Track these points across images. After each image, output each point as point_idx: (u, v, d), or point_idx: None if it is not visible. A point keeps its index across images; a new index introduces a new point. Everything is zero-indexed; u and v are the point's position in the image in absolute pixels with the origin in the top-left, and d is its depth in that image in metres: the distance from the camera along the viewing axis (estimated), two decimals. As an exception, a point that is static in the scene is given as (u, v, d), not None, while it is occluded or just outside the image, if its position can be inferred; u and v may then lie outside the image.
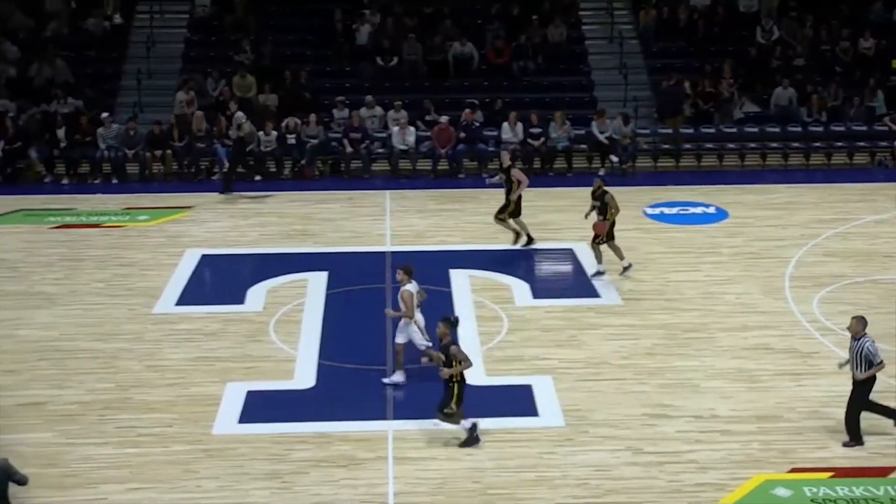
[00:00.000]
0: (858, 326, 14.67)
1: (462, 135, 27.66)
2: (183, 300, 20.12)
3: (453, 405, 15.05)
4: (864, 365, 14.56)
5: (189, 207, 24.89)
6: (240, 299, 20.02)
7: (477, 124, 28.07)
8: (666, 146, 28.95)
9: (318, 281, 20.78)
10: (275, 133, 27.14)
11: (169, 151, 27.03)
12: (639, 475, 14.35)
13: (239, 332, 18.75)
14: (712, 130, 29.16)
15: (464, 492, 14.09)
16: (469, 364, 15.08)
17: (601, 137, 27.97)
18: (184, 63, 30.20)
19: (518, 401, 16.31)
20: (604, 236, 20.65)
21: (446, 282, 20.75)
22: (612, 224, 20.70)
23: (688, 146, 28.93)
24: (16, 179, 26.77)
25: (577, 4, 32.89)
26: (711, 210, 25.09)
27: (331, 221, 24.18)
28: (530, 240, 22.38)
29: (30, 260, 21.87)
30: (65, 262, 21.76)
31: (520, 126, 27.76)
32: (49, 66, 28.96)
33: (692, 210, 25.11)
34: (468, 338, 18.43)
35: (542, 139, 27.85)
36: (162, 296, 20.23)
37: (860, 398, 14.81)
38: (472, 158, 28.03)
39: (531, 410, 16.10)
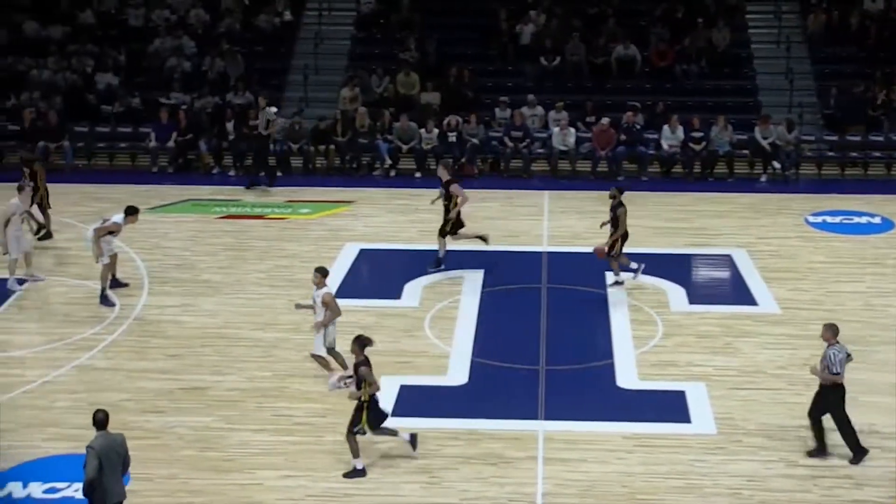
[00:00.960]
0: (828, 334, 14.50)
1: (623, 137, 27.42)
2: (341, 293, 20.28)
3: (364, 426, 14.57)
4: (826, 371, 14.43)
5: (350, 202, 25.21)
6: (396, 294, 20.20)
7: (638, 127, 27.80)
8: (831, 153, 28.19)
9: (474, 279, 20.84)
10: (436, 131, 27.30)
11: (332, 146, 27.41)
12: (792, 488, 14.04)
13: (394, 327, 18.93)
14: (881, 138, 28.28)
15: (612, 496, 13.98)
16: (377, 388, 14.59)
17: (764, 143, 27.39)
18: (349, 60, 30.60)
19: (670, 407, 16.11)
20: (615, 250, 20.01)
21: (602, 284, 20.59)
22: (622, 239, 20.04)
23: (854, 154, 28.13)
24: (186, 170, 27.45)
25: (744, 8, 32.26)
26: (877, 220, 24.34)
27: (489, 220, 24.17)
28: (484, 240, 21.47)
29: (196, 248, 22.44)
30: (229, 252, 22.26)
31: (681, 129, 27.39)
32: (221, 60, 29.64)
33: (856, 220, 24.40)
34: (622, 341, 18.30)
35: (704, 143, 27.41)
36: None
37: (834, 406, 14.53)
38: (631, 161, 27.77)
39: (683, 417, 15.88)
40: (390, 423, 14.91)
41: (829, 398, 14.57)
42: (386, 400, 16.44)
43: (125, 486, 12.53)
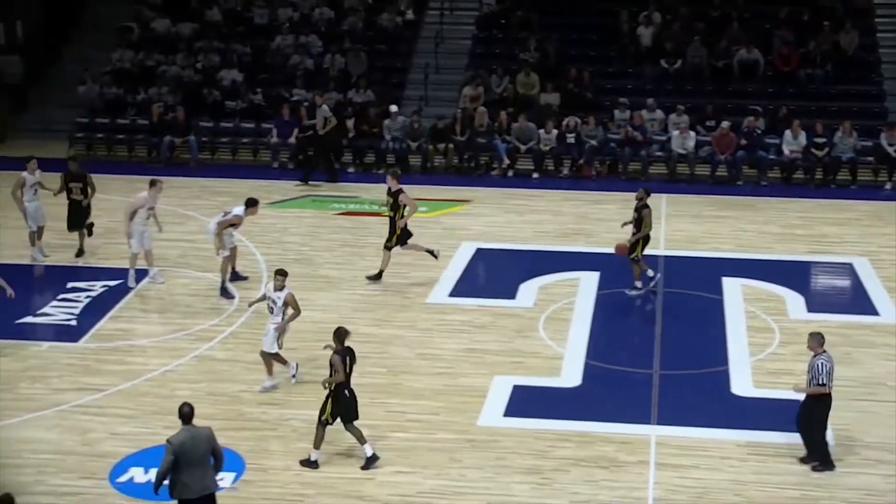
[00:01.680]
0: (813, 343, 14.28)
1: (743, 141, 27.04)
2: (456, 292, 20.47)
3: (328, 416, 14.61)
4: (812, 382, 14.15)
5: (467, 201, 25.27)
6: (511, 294, 20.20)
7: (759, 131, 27.40)
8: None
9: (589, 280, 20.75)
10: (554, 132, 27.23)
11: (450, 145, 27.50)
12: (911, 503, 13.73)
13: (508, 327, 18.93)
14: None
15: (724, 504, 13.84)
16: (341, 378, 14.49)
17: (890, 150, 26.79)
18: (470, 59, 30.68)
19: (786, 415, 15.82)
20: (636, 253, 19.84)
21: (718, 289, 20.36)
22: (643, 241, 19.85)
23: None
24: (306, 166, 27.76)
25: (873, 10, 31.53)
26: None
27: (605, 222, 24.06)
28: (434, 255, 20.87)
29: (314, 244, 22.70)
30: (346, 248, 22.47)
31: (803, 135, 26.93)
32: (343, 58, 29.94)
33: (985, 230, 23.75)
34: (738, 348, 18.06)
35: (827, 149, 26.90)
36: (436, 286, 20.64)
37: (818, 417, 14.29)
38: (751, 166, 27.37)
39: (799, 427, 15.61)
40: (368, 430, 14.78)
41: (815, 409, 14.35)
42: (499, 399, 16.50)
43: (228, 482, 12.67)
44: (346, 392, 14.84)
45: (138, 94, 29.36)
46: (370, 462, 14.78)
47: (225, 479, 12.95)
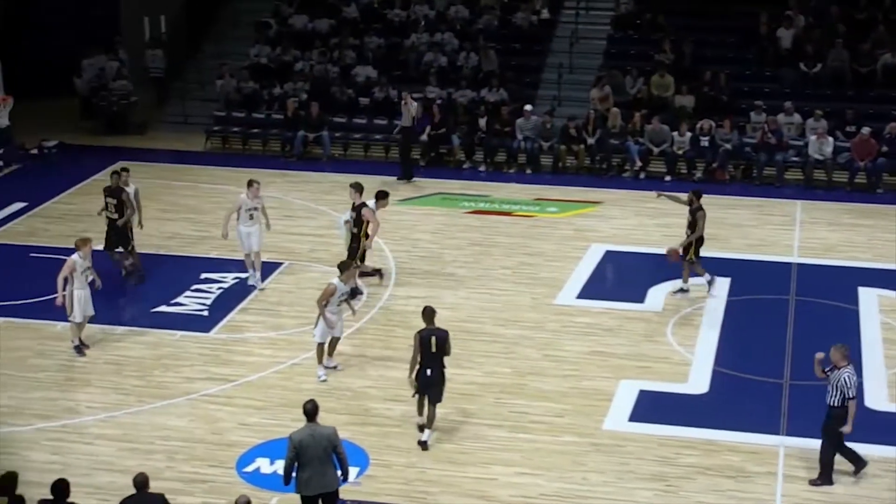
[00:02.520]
0: (837, 356, 14.10)
1: (885, 148, 26.32)
2: (584, 294, 20.35)
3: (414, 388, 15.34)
4: (839, 396, 13.86)
5: (598, 203, 25.08)
6: (640, 298, 20.01)
7: (902, 138, 26.65)
8: None
9: (719, 286, 20.42)
10: (688, 134, 26.87)
11: (582, 146, 27.33)
12: None
13: (636, 331, 18.77)
14: None
15: (855, 520, 13.52)
16: (413, 355, 15.06)
17: None
18: (604, 59, 30.43)
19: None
20: (690, 255, 19.63)
21: (854, 299, 19.89)
22: (697, 242, 19.64)
23: None
24: (437, 163, 27.85)
25: None
26: None
27: (738, 227, 23.68)
28: (380, 276, 20.45)
29: (443, 242, 22.76)
30: (475, 247, 22.48)
31: (948, 142, 26.12)
32: (477, 56, 29.98)
33: None
34: (873, 360, 17.62)
35: (973, 157, 26.06)
36: (564, 288, 20.54)
37: (833, 432, 14.06)
38: (892, 173, 26.62)
39: (936, 443, 15.18)
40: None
41: (835, 421, 14.14)
42: (625, 404, 16.36)
43: (352, 477, 12.78)
44: (428, 371, 15.04)
45: (274, 89, 29.79)
46: (421, 444, 15.20)
47: (352, 473, 13.02)
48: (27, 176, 26.78)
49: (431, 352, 15.07)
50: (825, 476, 14.37)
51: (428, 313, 15.36)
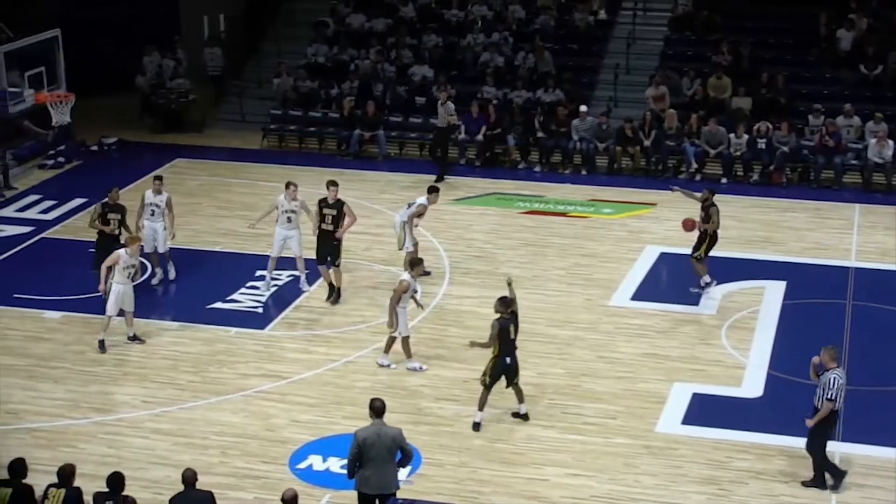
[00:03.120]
0: (826, 358, 14.16)
1: (945, 151, 26.01)
2: (638, 295, 20.29)
3: (485, 377, 15.59)
4: (823, 397, 13.82)
5: (653, 204, 24.96)
6: (694, 300, 19.92)
7: (963, 142, 26.28)
8: None
9: (775, 290, 20.31)
10: (746, 136, 26.67)
11: (638, 147, 27.22)
12: None
13: (690, 334, 18.70)
14: None
15: (910, 528, 13.38)
16: (489, 343, 15.49)
17: None
18: (661, 60, 30.26)
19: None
20: (699, 251, 19.76)
21: (913, 304, 19.71)
22: (709, 241, 19.72)
23: None
24: (493, 163, 27.83)
25: None
26: None
27: (794, 230, 23.50)
28: (338, 295, 19.91)
29: (498, 242, 22.76)
30: (529, 247, 22.47)
31: None
32: (533, 56, 29.95)
33: None
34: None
35: None
36: (618, 289, 20.50)
37: (819, 433, 14.04)
38: (953, 177, 26.29)
39: None
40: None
41: (819, 425, 14.12)
42: (678, 407, 16.30)
43: (403, 476, 12.84)
44: (508, 359, 15.36)
45: (331, 87, 29.94)
46: (519, 415, 15.71)
47: (401, 472, 13.07)
48: (88, 172, 27.10)
49: (510, 339, 15.30)
50: (835, 475, 14.35)
51: (505, 302, 15.58)
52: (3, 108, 22.34)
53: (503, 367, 15.47)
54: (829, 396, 13.97)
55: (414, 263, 17.39)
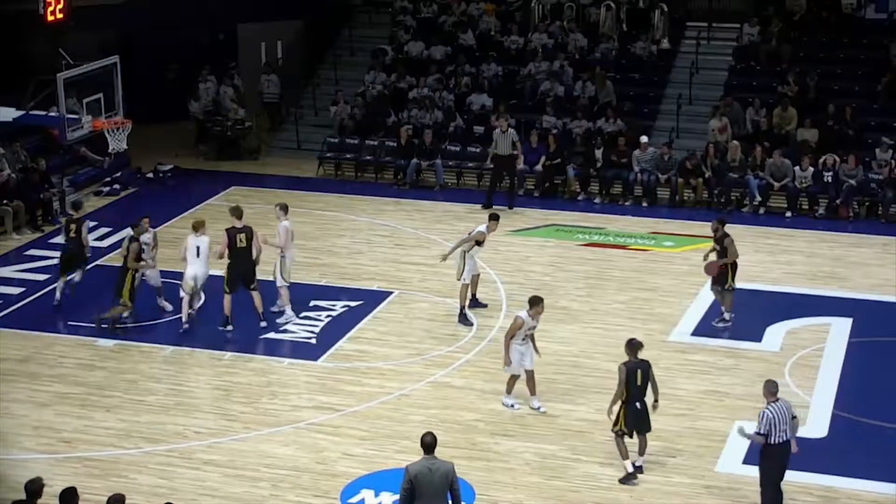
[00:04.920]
0: (764, 391, 14.29)
1: None
2: (699, 331, 20.15)
3: (621, 427, 15.28)
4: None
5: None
6: (757, 337, 19.76)
7: None
8: None
9: (841, 327, 20.09)
10: (811, 169, 26.47)
11: (700, 179, 27.08)
12: None
13: (752, 370, 18.51)
14: None
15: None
16: (618, 390, 15.16)
17: None
18: (725, 91, 30.12)
19: None
20: (729, 282, 19.72)
21: (984, 345, 19.41)
22: (732, 270, 19.67)
23: None
24: (552, 194, 27.81)
25: None
26: None
27: (862, 266, 23.25)
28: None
29: (557, 274, 22.72)
30: (589, 280, 22.41)
31: None
32: (594, 86, 29.95)
33: None
34: None
35: None
36: (679, 324, 20.38)
37: (762, 470, 14.26)
38: None
39: None
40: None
41: (766, 462, 14.18)
42: (740, 446, 16.14)
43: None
44: (637, 405, 15.12)
45: (388, 116, 30.11)
46: (627, 478, 15.24)
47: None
48: (142, 199, 27.42)
49: (637, 385, 15.14)
50: None
51: (633, 346, 15.43)
52: (62, 134, 22.64)
53: (634, 413, 15.23)
54: (757, 430, 14.01)
55: (533, 302, 17.14)
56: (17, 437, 16.59)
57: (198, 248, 19.73)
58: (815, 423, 16.87)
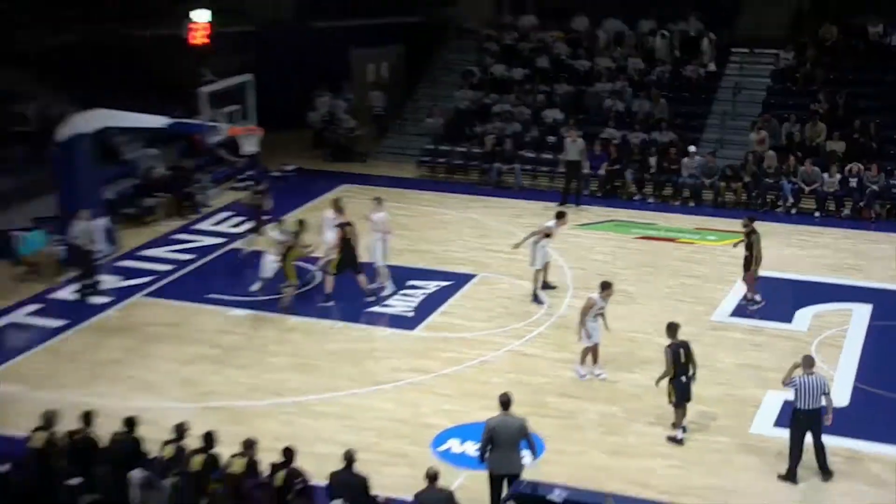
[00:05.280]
0: (802, 362, 14.14)
1: None
2: (737, 313, 19.92)
3: (671, 399, 15.13)
4: None
5: (753, 233, 24.45)
6: (788, 318, 19.49)
7: None
8: None
9: (862, 312, 19.74)
10: (838, 176, 26.00)
11: (740, 183, 26.75)
12: None
13: (783, 348, 18.25)
14: None
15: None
16: (667, 370, 14.97)
17: None
18: (763, 108, 29.64)
19: None
20: (752, 272, 19.33)
21: None
22: (754, 262, 19.28)
23: None
24: (612, 195, 27.62)
25: None
26: None
27: (881, 259, 22.80)
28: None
29: (615, 262, 22.57)
30: (643, 268, 22.24)
31: None
32: (650, 103, 29.70)
33: None
34: None
35: None
36: (720, 306, 20.15)
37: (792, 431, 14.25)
38: None
39: None
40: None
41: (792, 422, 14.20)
42: (770, 411, 15.97)
43: (529, 461, 12.89)
44: (683, 378, 15.02)
45: (475, 126, 30.12)
46: (674, 439, 15.07)
47: (527, 457, 13.09)
48: (270, 194, 27.67)
49: (681, 361, 15.05)
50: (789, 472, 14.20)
51: (672, 328, 15.34)
52: (204, 139, 22.99)
53: (680, 386, 15.11)
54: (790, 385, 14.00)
55: (604, 286, 17.12)
56: (166, 388, 16.94)
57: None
58: (839, 395, 16.55)
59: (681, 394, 15.09)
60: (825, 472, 14.15)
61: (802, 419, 13.99)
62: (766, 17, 31.29)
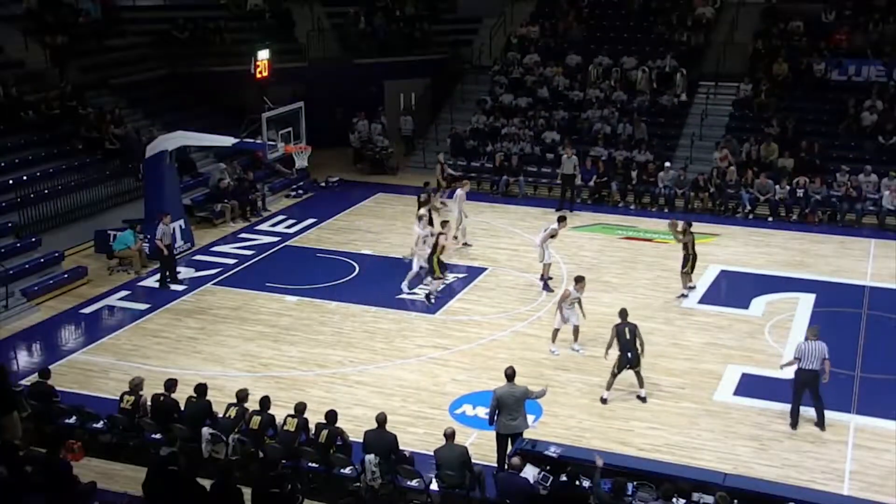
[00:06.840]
0: (808, 331, 14.27)
1: (941, 202, 24.56)
2: (704, 300, 19.75)
3: (614, 368, 15.01)
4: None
5: (716, 235, 24.27)
6: (745, 305, 19.30)
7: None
8: None
9: (807, 300, 19.53)
10: (788, 187, 25.72)
11: (706, 193, 26.50)
12: None
13: (741, 329, 18.10)
14: None
15: (907, 482, 12.67)
16: (609, 344, 14.88)
17: None
18: (726, 131, 29.36)
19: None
20: (687, 267, 19.18)
21: (912, 315, 18.69)
22: (692, 260, 19.17)
23: None
24: (600, 202, 27.41)
25: None
26: None
27: (823, 257, 22.56)
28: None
29: (601, 258, 22.42)
30: (625, 263, 22.07)
31: None
32: (632, 126, 29.47)
33: None
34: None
35: None
36: (690, 295, 19.96)
37: (795, 387, 14.31)
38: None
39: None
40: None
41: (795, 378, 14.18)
42: (731, 382, 15.83)
43: (530, 422, 12.82)
44: (628, 354, 14.98)
45: (487, 145, 29.98)
46: (641, 398, 14.99)
47: (529, 419, 12.99)
48: (318, 201, 27.69)
49: (626, 339, 14.96)
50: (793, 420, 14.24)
51: (623, 313, 15.27)
52: (264, 155, 22.95)
53: (624, 359, 15.04)
54: (794, 356, 13.97)
55: (578, 280, 16.99)
56: (231, 361, 16.93)
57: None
58: (786, 369, 16.38)
59: (619, 365, 14.99)
60: (821, 425, 14.04)
61: (803, 377, 13.90)
62: (729, 57, 31.05)
